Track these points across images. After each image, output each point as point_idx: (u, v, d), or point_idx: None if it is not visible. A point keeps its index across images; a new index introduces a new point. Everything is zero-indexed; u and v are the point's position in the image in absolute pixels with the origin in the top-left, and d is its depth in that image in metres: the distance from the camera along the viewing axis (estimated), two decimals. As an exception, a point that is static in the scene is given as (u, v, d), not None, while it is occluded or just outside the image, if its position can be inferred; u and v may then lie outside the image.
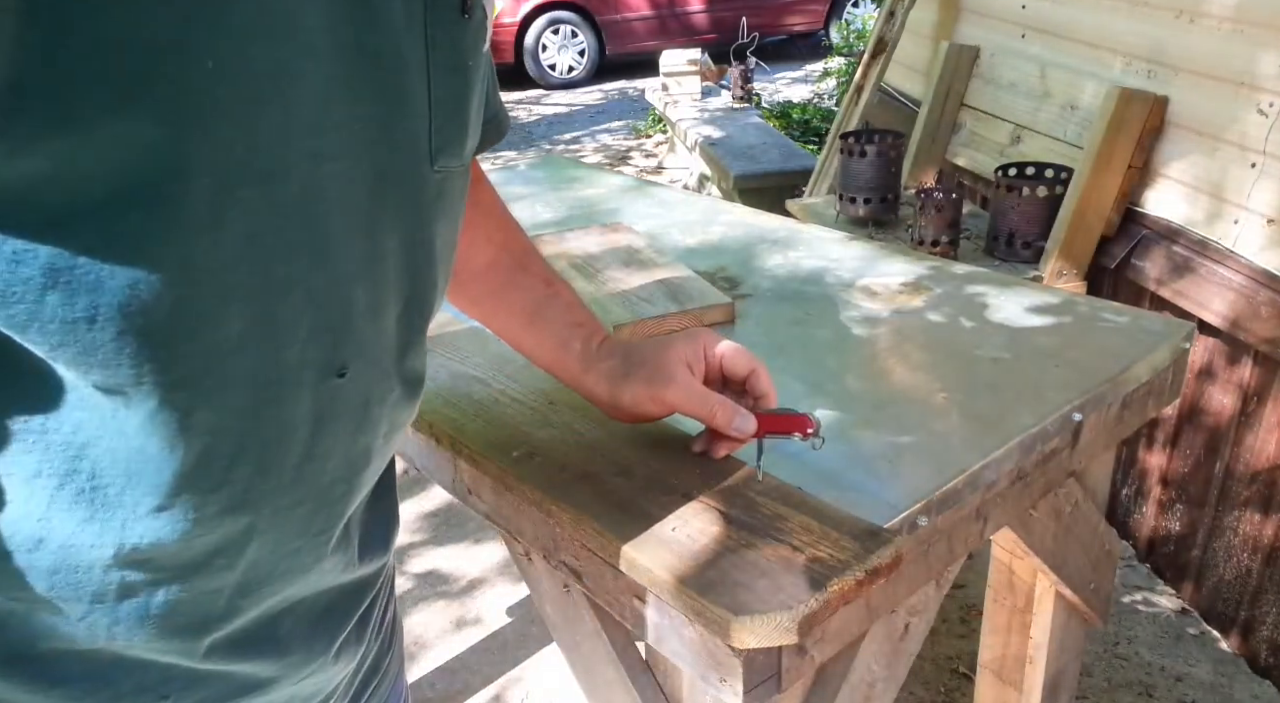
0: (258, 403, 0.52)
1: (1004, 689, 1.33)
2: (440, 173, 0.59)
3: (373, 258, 0.56)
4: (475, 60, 0.60)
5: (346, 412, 0.58)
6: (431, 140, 0.57)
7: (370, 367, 0.58)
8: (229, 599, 0.57)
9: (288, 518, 0.57)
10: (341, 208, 0.52)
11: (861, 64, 3.36)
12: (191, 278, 0.47)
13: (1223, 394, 2.11)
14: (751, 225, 1.48)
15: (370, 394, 0.59)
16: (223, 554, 0.55)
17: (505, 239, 0.87)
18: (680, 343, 0.80)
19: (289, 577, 0.60)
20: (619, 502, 0.78)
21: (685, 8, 9.00)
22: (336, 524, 0.62)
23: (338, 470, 0.59)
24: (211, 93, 0.44)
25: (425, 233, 0.60)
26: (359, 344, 0.57)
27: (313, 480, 0.57)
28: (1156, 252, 2.24)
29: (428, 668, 2.16)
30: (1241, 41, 2.02)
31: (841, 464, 0.85)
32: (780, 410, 0.79)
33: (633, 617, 0.78)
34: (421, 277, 0.61)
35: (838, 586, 0.66)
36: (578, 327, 0.85)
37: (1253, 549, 2.06)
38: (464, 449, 0.90)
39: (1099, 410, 0.99)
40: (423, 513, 2.72)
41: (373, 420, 0.61)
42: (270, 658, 0.62)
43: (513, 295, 0.86)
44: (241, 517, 0.54)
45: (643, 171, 5.96)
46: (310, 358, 0.53)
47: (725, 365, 0.80)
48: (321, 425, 0.56)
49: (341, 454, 0.59)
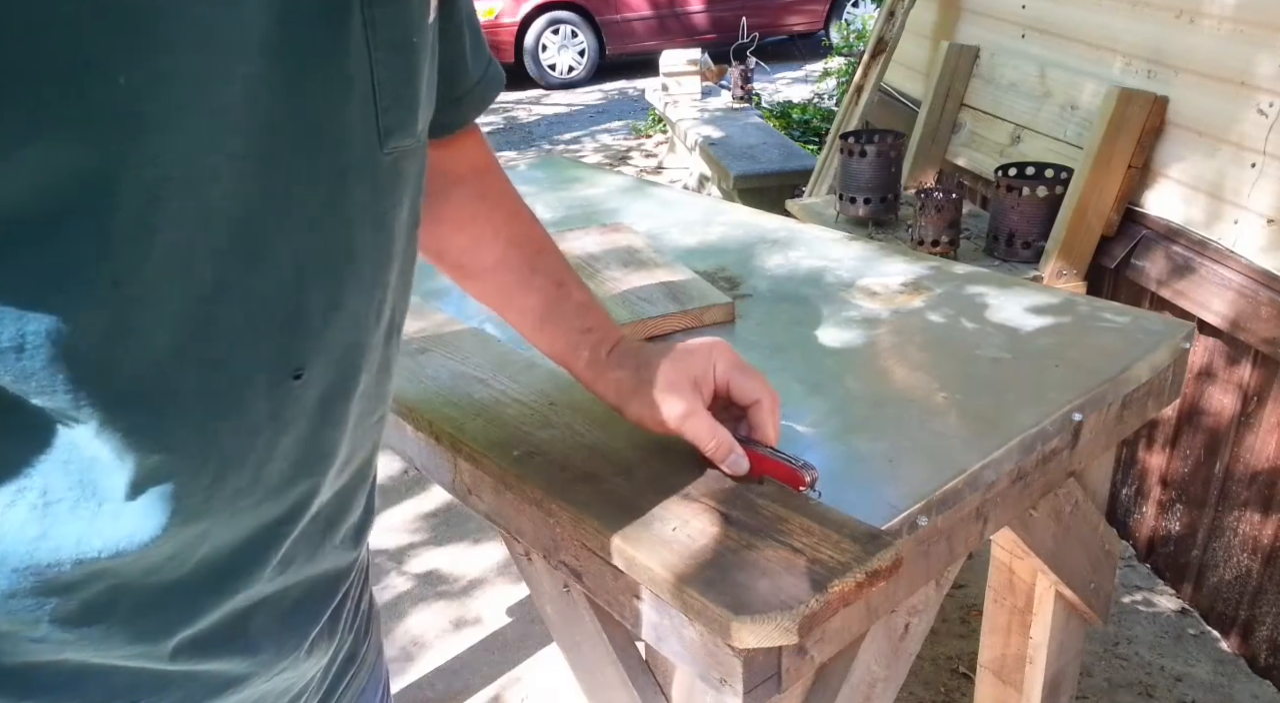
0: (208, 412, 0.51)
1: (1004, 689, 1.33)
2: (392, 154, 0.58)
3: (329, 253, 0.54)
4: (420, 37, 0.58)
5: (307, 412, 0.56)
6: (379, 123, 0.55)
7: (333, 364, 0.57)
8: (192, 600, 0.56)
9: (247, 518, 0.56)
10: (284, 206, 0.51)
11: (861, 64, 3.36)
12: (123, 295, 0.45)
13: (1223, 394, 2.11)
14: (751, 225, 1.48)
15: (333, 391, 0.58)
16: (176, 557, 0.54)
17: (515, 235, 0.85)
18: (693, 362, 0.78)
19: (253, 574, 0.59)
20: (619, 502, 0.78)
21: (685, 8, 9.00)
22: (300, 519, 0.60)
23: (301, 468, 0.58)
24: (130, 108, 0.43)
25: (385, 218, 0.59)
26: (317, 343, 0.55)
27: (273, 480, 0.56)
28: (1156, 252, 2.24)
29: (428, 668, 2.17)
30: (1241, 41, 2.02)
31: (841, 464, 0.85)
32: (781, 455, 0.77)
33: (633, 617, 0.78)
34: (386, 265, 0.60)
35: (838, 587, 0.66)
36: (587, 333, 0.83)
37: (1253, 549, 2.06)
38: (464, 449, 0.90)
39: (1099, 410, 0.99)
40: (423, 513, 2.72)
41: (336, 416, 0.59)
42: (240, 656, 0.61)
43: (522, 296, 0.85)
44: (200, 523, 0.53)
45: (643, 171, 5.96)
46: (261, 363, 0.52)
47: (732, 391, 0.78)
48: (281, 428, 0.55)
49: (304, 453, 0.58)
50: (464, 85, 0.77)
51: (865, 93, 3.28)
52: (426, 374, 1.02)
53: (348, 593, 0.73)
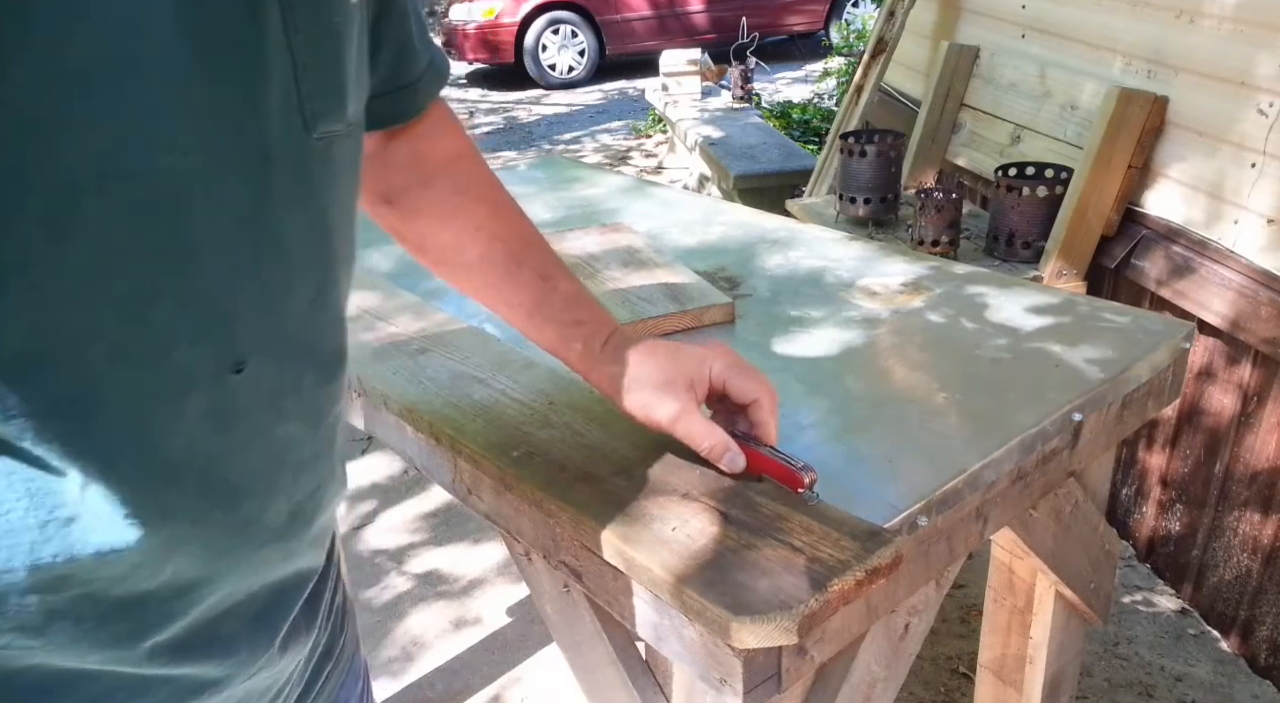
0: (148, 412, 0.50)
1: (1004, 689, 1.33)
2: (323, 140, 0.56)
3: (263, 244, 0.53)
4: (344, 16, 0.57)
5: (252, 406, 0.55)
6: (304, 108, 0.54)
7: (275, 357, 0.56)
8: (161, 606, 0.55)
9: (211, 516, 0.55)
10: (210, 198, 0.49)
11: (861, 64, 3.36)
12: (44, 300, 0.44)
13: (1223, 394, 2.11)
14: (751, 225, 1.48)
15: (279, 384, 0.57)
16: (143, 565, 0.52)
17: (498, 229, 0.83)
18: (688, 360, 0.78)
19: (225, 575, 0.58)
20: (619, 502, 0.78)
21: (685, 8, 9.00)
22: (264, 516, 0.59)
23: (256, 464, 0.57)
24: (29, 106, 0.41)
25: (320, 207, 0.58)
26: (257, 336, 0.54)
27: (233, 481, 0.55)
28: (1156, 252, 2.24)
29: (428, 668, 2.16)
30: (1241, 41, 2.02)
31: (841, 464, 0.85)
32: (781, 456, 0.77)
33: (632, 617, 0.78)
34: (325, 252, 0.59)
35: (838, 586, 0.66)
36: (578, 326, 0.82)
37: (1253, 549, 2.06)
38: (464, 449, 0.90)
39: (1099, 410, 0.99)
40: (423, 513, 2.72)
41: (286, 409, 0.58)
42: (216, 658, 0.60)
43: (508, 292, 0.84)
44: (158, 525, 0.52)
45: (643, 171, 5.96)
46: (199, 359, 0.51)
47: (730, 390, 0.78)
48: (226, 423, 0.54)
49: (257, 449, 0.57)
50: (416, 69, 0.75)
51: (865, 93, 3.28)
52: (426, 374, 1.02)
53: (320, 587, 0.72)
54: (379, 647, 2.23)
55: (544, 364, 1.02)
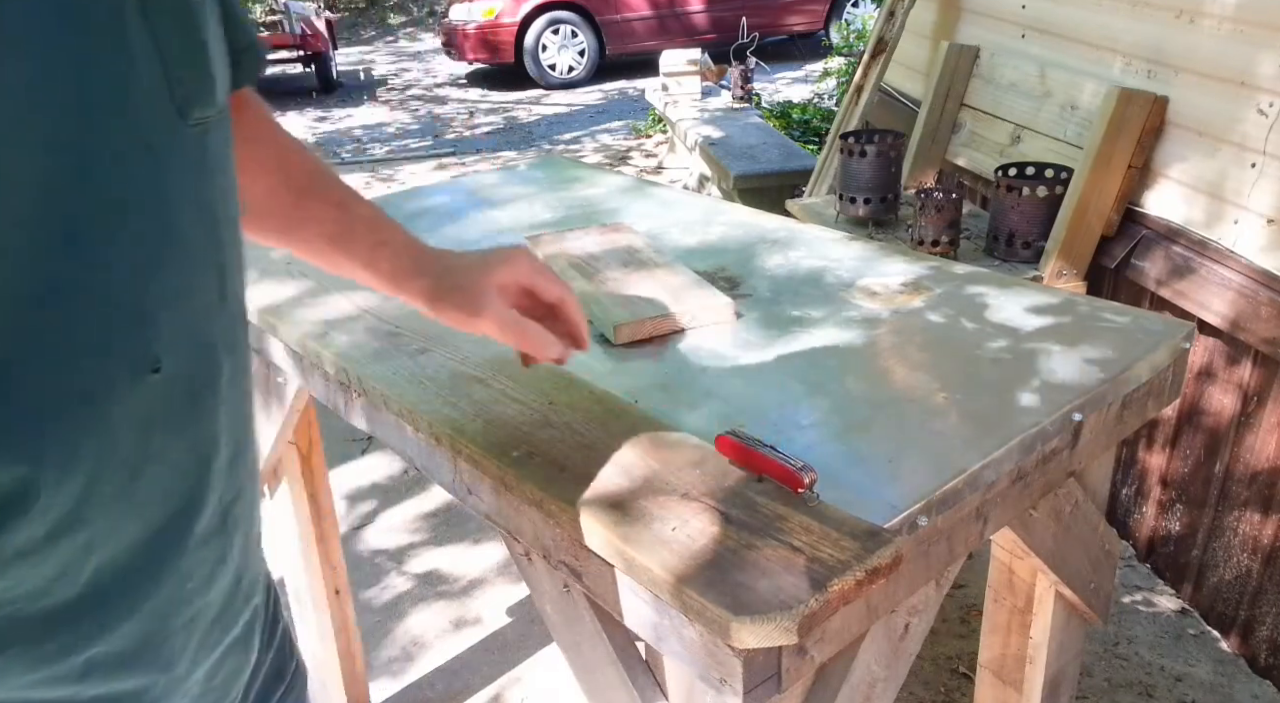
0: (68, 418, 0.49)
1: (1004, 689, 1.33)
2: (199, 126, 0.55)
3: (162, 240, 0.53)
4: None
5: (174, 406, 0.55)
6: (174, 94, 0.53)
7: (188, 353, 0.55)
8: (98, 617, 0.54)
9: (131, 524, 0.54)
10: (95, 194, 0.48)
11: (861, 64, 3.35)
12: None
13: (1223, 394, 2.11)
14: (751, 225, 1.48)
15: (196, 381, 0.56)
16: (65, 575, 0.51)
17: (285, 164, 0.83)
18: (494, 269, 0.83)
19: (158, 583, 0.57)
20: (619, 502, 0.78)
21: (685, 8, 9.00)
22: (194, 522, 0.58)
23: (181, 466, 0.56)
24: None
25: (207, 199, 0.57)
26: (168, 333, 0.53)
27: (155, 482, 0.55)
28: (1156, 252, 2.24)
29: (428, 668, 2.16)
30: (1241, 41, 2.02)
31: (841, 464, 0.85)
32: (780, 456, 0.78)
33: (633, 617, 0.78)
34: (219, 247, 0.58)
35: (838, 586, 0.66)
36: (381, 246, 0.84)
37: (1253, 549, 2.06)
38: (464, 449, 0.90)
39: (1099, 410, 0.99)
40: (423, 513, 2.72)
41: (206, 407, 0.58)
42: (157, 672, 0.59)
43: (306, 228, 0.84)
44: (78, 534, 0.51)
45: (643, 172, 5.96)
46: (115, 361, 0.50)
47: (537, 289, 0.85)
48: (149, 425, 0.53)
49: (182, 450, 0.56)
50: (240, 43, 0.73)
51: (865, 93, 3.28)
52: (426, 374, 1.02)
53: (261, 606, 0.71)
54: (379, 647, 2.23)
55: (544, 364, 1.02)
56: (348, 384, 1.08)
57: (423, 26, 13.06)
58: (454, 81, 9.50)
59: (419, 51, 11.54)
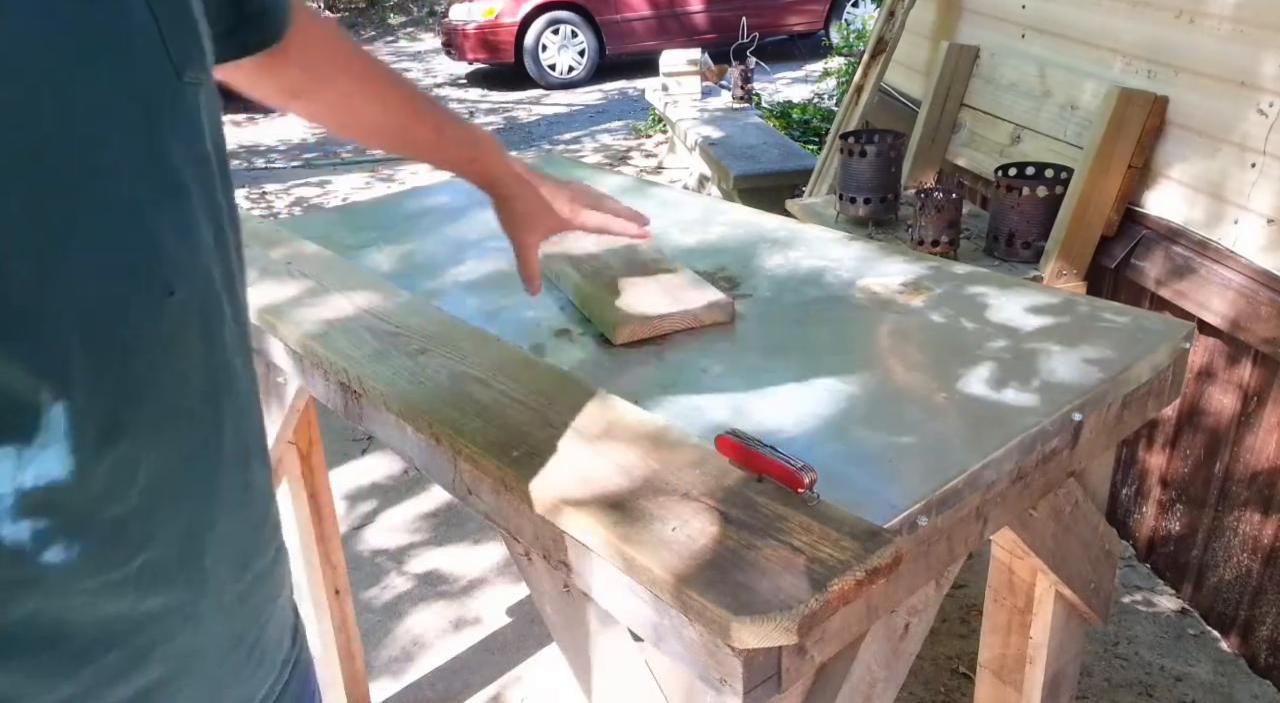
0: (95, 338, 0.54)
1: (1004, 689, 1.33)
2: (192, 85, 0.61)
3: (167, 183, 0.58)
4: None
5: (189, 329, 0.60)
6: (170, 55, 0.58)
7: (197, 287, 0.61)
8: (146, 527, 0.59)
9: (168, 436, 0.60)
10: (108, 129, 0.54)
11: (861, 64, 3.35)
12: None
13: (1223, 394, 2.11)
14: (751, 225, 1.48)
15: (207, 312, 0.62)
16: (117, 483, 0.57)
17: (380, 98, 0.98)
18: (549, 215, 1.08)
19: (192, 495, 0.62)
20: (619, 502, 0.78)
21: (685, 8, 8.99)
22: (223, 441, 0.64)
23: (204, 387, 0.62)
24: None
25: (203, 152, 0.62)
26: (178, 266, 0.59)
27: (187, 402, 0.61)
28: (1156, 252, 2.24)
29: (428, 668, 2.16)
30: (1241, 41, 2.02)
31: (841, 464, 0.85)
32: (780, 456, 0.78)
33: (633, 617, 0.78)
34: (214, 199, 0.63)
35: (838, 586, 0.66)
36: (472, 162, 1.05)
37: (1253, 549, 2.06)
38: (464, 449, 0.90)
39: (1099, 410, 0.99)
40: (423, 513, 2.72)
41: (218, 337, 0.63)
42: (195, 583, 0.64)
43: (410, 148, 1.05)
44: (120, 441, 0.56)
45: (643, 171, 5.96)
46: (135, 282, 0.56)
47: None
48: (171, 343, 0.59)
49: (201, 373, 0.62)
50: (252, 8, 0.78)
51: (865, 93, 3.28)
52: (426, 374, 1.02)
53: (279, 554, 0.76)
54: (379, 647, 2.23)
55: (544, 365, 1.02)
56: (348, 384, 1.08)
57: (423, 27, 13.05)
58: (454, 82, 9.50)
59: (419, 51, 11.53)
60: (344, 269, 1.30)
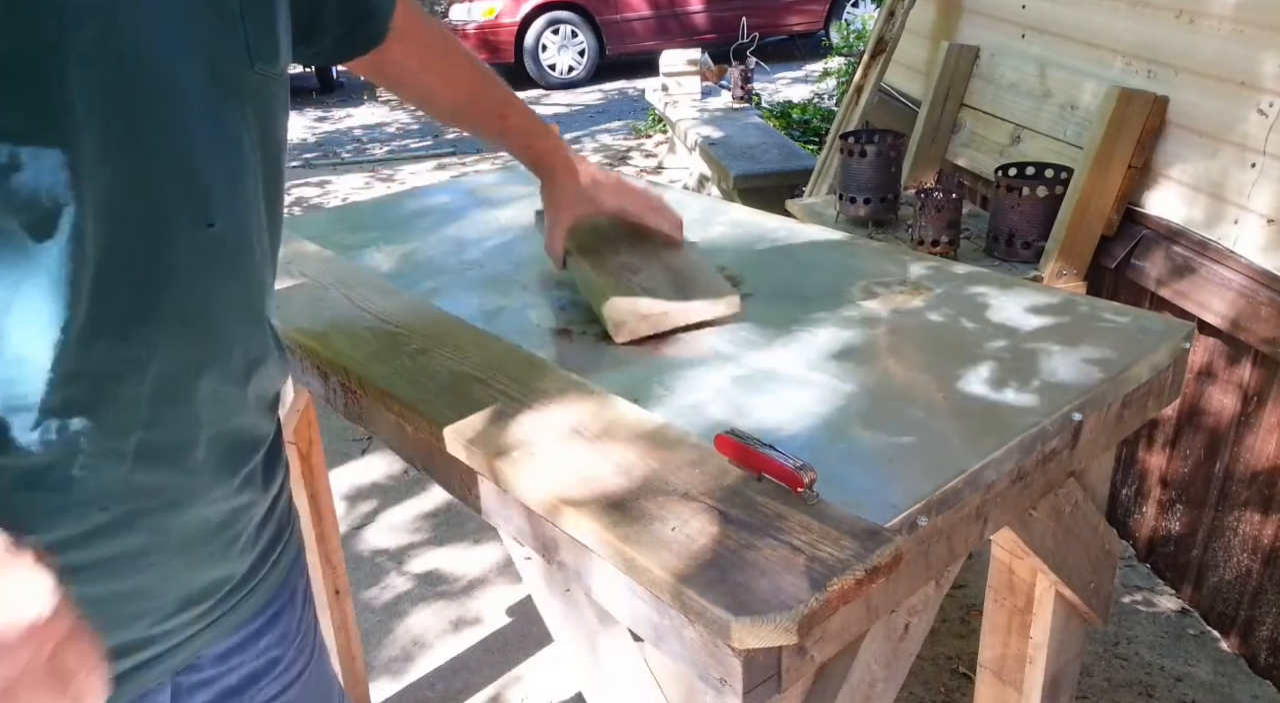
0: (140, 243, 0.64)
1: (1004, 689, 1.33)
2: (261, 75, 0.71)
3: (223, 140, 0.68)
4: None
5: (221, 258, 0.70)
6: (248, 44, 0.69)
7: (235, 224, 0.71)
8: (151, 407, 0.68)
9: (186, 341, 0.69)
10: (188, 91, 0.65)
11: (861, 64, 3.35)
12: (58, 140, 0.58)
13: (1223, 394, 2.11)
14: (751, 225, 1.48)
15: (240, 246, 0.72)
16: (132, 366, 0.66)
17: (453, 82, 1.15)
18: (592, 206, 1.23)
19: (194, 390, 0.71)
20: (619, 502, 0.78)
21: (685, 8, 8.99)
22: (228, 353, 0.73)
23: (227, 311, 0.72)
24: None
25: (259, 128, 0.72)
26: (221, 204, 0.69)
27: (205, 316, 0.70)
28: (1157, 252, 2.24)
29: (428, 668, 2.16)
30: (1241, 42, 2.02)
31: (841, 464, 0.85)
32: (780, 455, 0.78)
33: (633, 617, 0.78)
34: (271, 163, 0.74)
35: (838, 585, 0.66)
36: (527, 149, 1.21)
37: (1253, 549, 2.06)
38: (464, 450, 0.90)
39: (1099, 410, 0.99)
40: (423, 513, 2.72)
41: (247, 270, 0.74)
42: (185, 472, 0.73)
43: (475, 126, 1.21)
44: (142, 331, 0.66)
45: (643, 171, 5.96)
46: (181, 210, 0.66)
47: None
48: (204, 267, 0.69)
49: (226, 300, 0.72)
50: (359, 13, 0.93)
51: (865, 93, 3.28)
52: (426, 374, 1.02)
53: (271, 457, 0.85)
54: (379, 647, 2.23)
55: (544, 364, 1.02)
56: (348, 384, 1.08)
57: (423, 26, 13.05)
58: (454, 81, 9.50)
59: (419, 51, 11.53)
60: (344, 269, 1.30)
